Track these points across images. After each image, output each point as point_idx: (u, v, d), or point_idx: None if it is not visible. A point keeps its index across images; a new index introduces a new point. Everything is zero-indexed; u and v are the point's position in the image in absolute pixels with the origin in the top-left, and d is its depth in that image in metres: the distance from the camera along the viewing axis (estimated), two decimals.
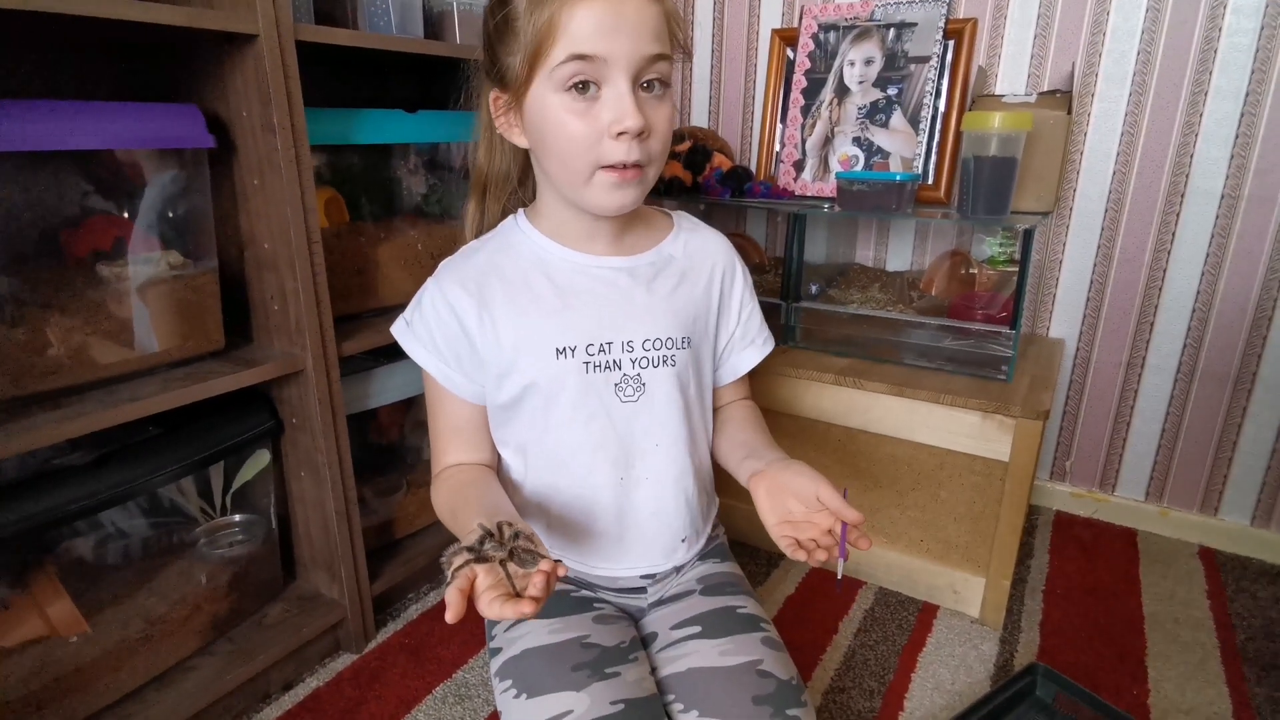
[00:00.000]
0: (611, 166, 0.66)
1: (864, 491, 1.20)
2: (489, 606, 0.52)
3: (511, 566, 0.55)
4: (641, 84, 0.66)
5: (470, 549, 0.56)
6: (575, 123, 0.65)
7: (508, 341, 0.74)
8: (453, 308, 0.74)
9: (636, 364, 0.75)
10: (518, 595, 0.53)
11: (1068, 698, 0.91)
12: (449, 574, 0.55)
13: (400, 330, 0.79)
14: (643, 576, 0.82)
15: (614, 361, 0.75)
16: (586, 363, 0.74)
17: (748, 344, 0.86)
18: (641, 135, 0.65)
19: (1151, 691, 1.00)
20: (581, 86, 0.64)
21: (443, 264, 0.78)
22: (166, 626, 0.92)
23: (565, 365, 0.73)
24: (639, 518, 0.79)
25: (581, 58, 0.63)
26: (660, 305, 0.77)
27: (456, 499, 0.74)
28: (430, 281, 0.77)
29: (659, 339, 0.76)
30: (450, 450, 0.80)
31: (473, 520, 0.62)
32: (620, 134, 0.64)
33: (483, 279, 0.75)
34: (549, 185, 0.74)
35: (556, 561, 0.55)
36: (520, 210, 0.80)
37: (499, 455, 0.82)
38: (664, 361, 0.76)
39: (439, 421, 0.80)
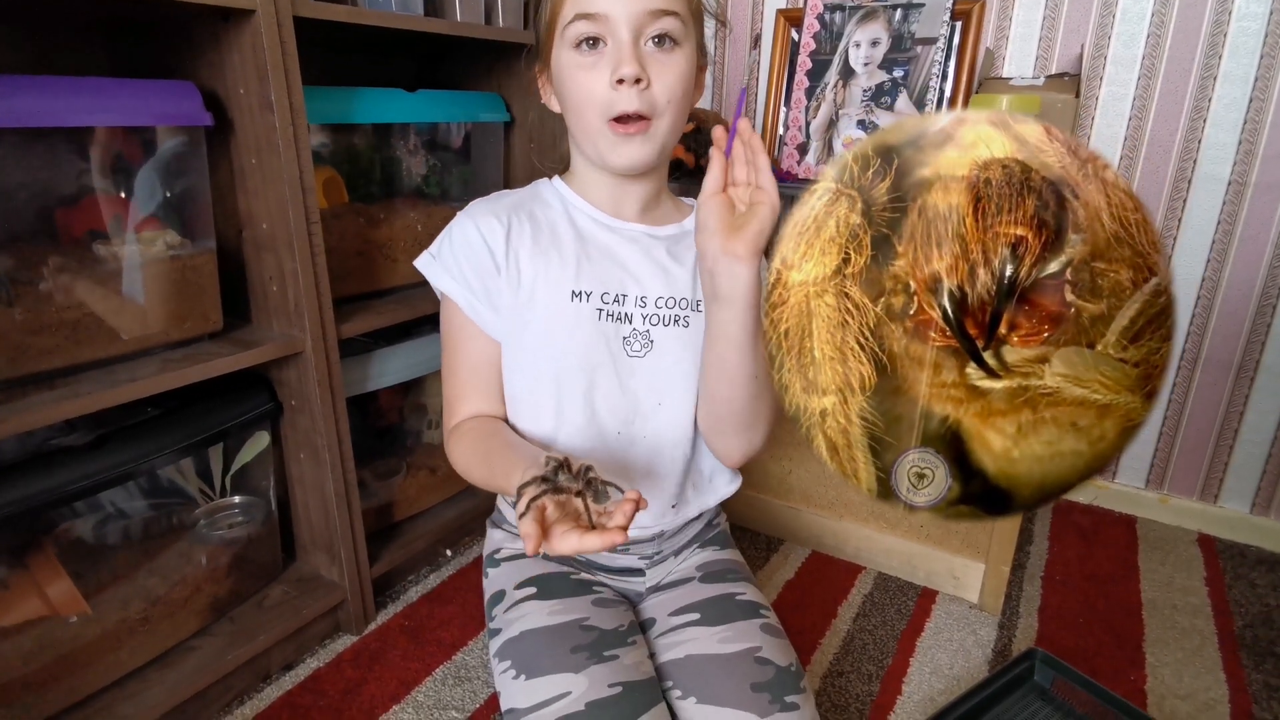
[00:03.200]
0: (616, 120, 0.69)
1: None
2: (563, 541, 0.51)
3: (589, 500, 0.53)
4: (652, 38, 0.68)
5: (544, 479, 0.53)
6: (584, 76, 0.69)
7: (527, 278, 0.75)
8: (483, 236, 0.75)
9: (648, 320, 0.76)
10: (592, 529, 0.51)
11: (1065, 683, 0.91)
12: (522, 504, 0.53)
13: (425, 263, 0.79)
14: (641, 556, 0.82)
15: (626, 314, 0.76)
16: (600, 310, 0.75)
17: None
18: (640, 84, 0.68)
19: (1149, 677, 1.01)
20: (590, 43, 0.68)
21: (473, 202, 0.79)
22: (167, 607, 0.92)
23: (579, 310, 0.74)
24: (633, 477, 0.79)
25: (585, 16, 0.67)
26: (679, 268, 0.78)
27: (486, 446, 0.73)
28: (461, 215, 0.78)
29: (673, 298, 0.77)
30: (468, 396, 0.79)
31: (516, 461, 0.61)
32: (618, 82, 0.67)
33: (513, 214, 0.77)
34: (578, 149, 0.77)
35: (638, 494, 0.54)
36: (555, 175, 0.82)
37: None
38: (676, 321, 0.77)
39: (459, 364, 0.79)
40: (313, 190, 0.89)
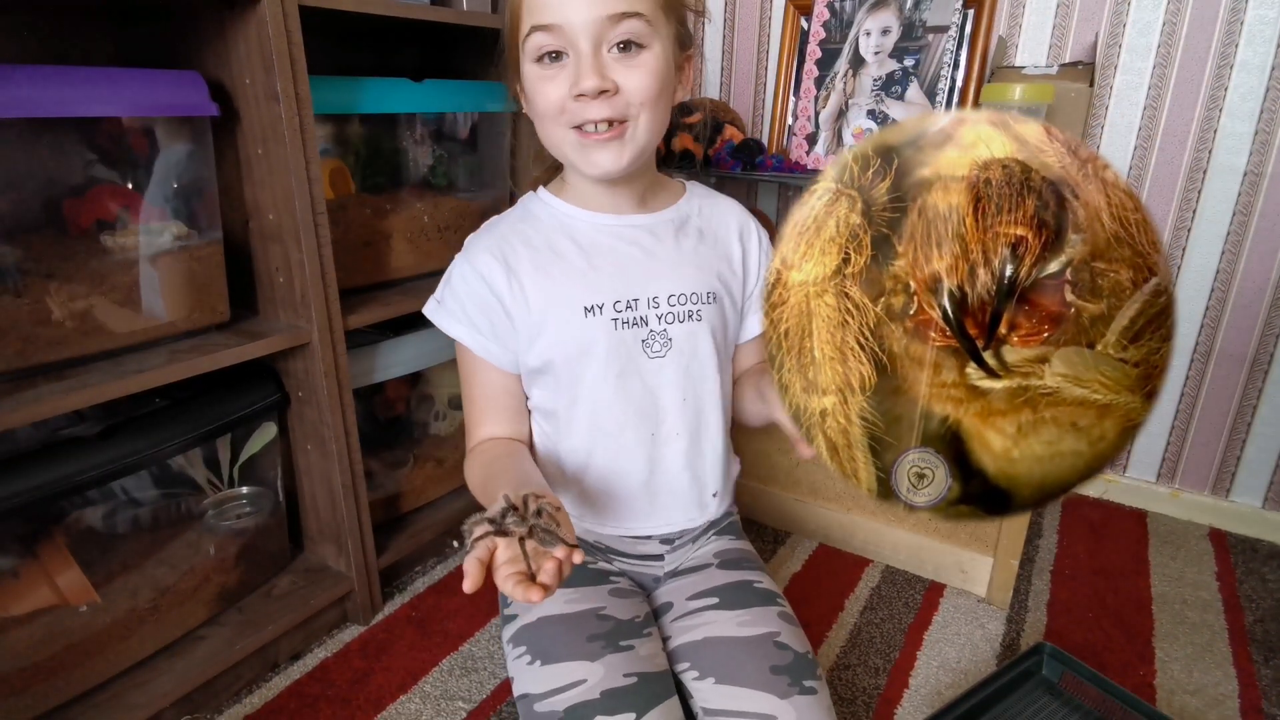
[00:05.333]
0: (581, 129, 0.68)
1: None
2: (504, 582, 0.53)
3: (530, 544, 0.54)
4: (617, 45, 0.66)
5: (491, 520, 0.56)
6: (547, 87, 0.68)
7: (536, 304, 0.75)
8: (482, 276, 0.75)
9: (662, 319, 0.76)
10: (533, 576, 0.53)
11: (1074, 678, 0.91)
12: (469, 543, 0.55)
13: (432, 309, 0.80)
14: (662, 541, 0.83)
15: (640, 318, 0.75)
16: (615, 320, 0.75)
17: (758, 307, 0.85)
18: (606, 94, 0.66)
19: (1158, 672, 1.00)
20: (552, 55, 0.67)
21: (468, 239, 0.79)
22: (175, 596, 0.92)
23: (594, 324, 0.74)
24: (672, 473, 0.80)
25: (542, 28, 0.65)
26: (683, 261, 0.78)
27: (489, 470, 0.75)
28: (458, 257, 0.78)
29: (684, 294, 0.77)
30: (485, 422, 0.81)
31: (502, 491, 0.62)
32: (579, 95, 0.66)
33: (507, 245, 0.76)
34: None
35: (573, 547, 0.55)
36: (540, 187, 0.81)
37: (530, 428, 0.83)
38: (690, 317, 0.77)
39: (474, 393, 0.81)
40: (319, 181, 0.88)
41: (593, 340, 0.74)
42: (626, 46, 0.66)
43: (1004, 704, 0.90)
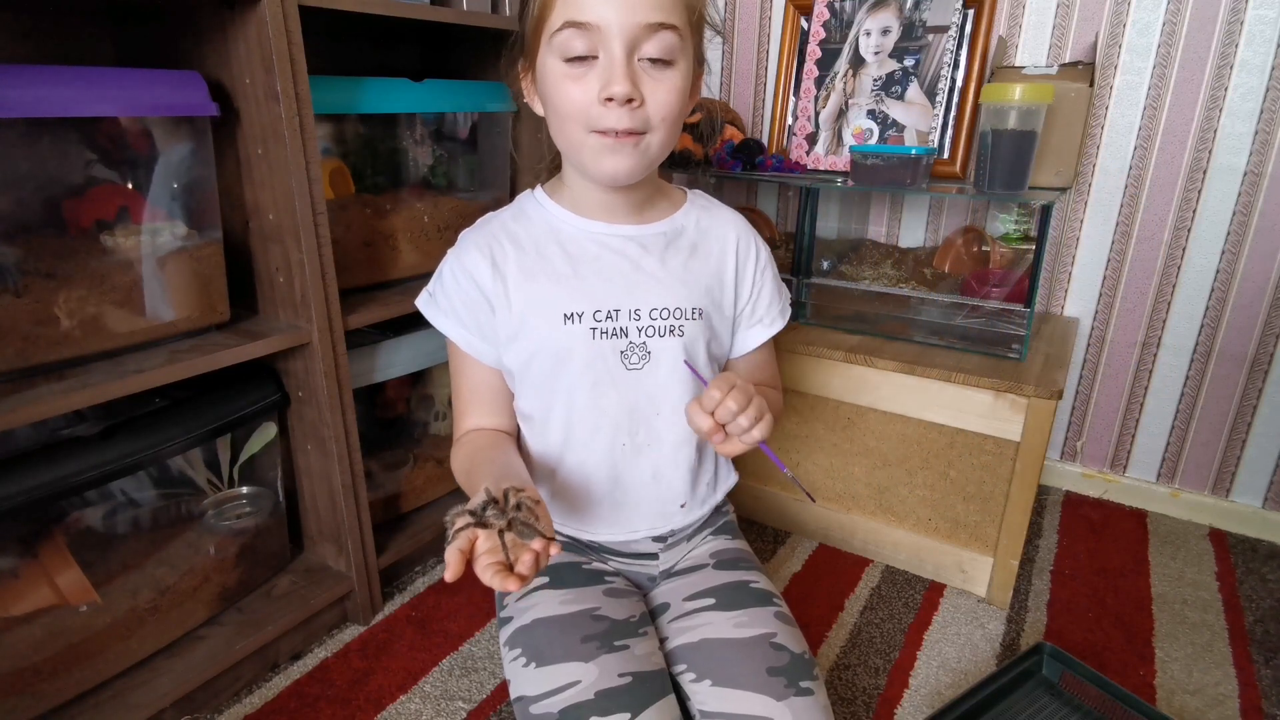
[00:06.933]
0: (603, 132, 0.67)
1: (872, 469, 1.19)
2: (483, 572, 0.55)
3: (509, 537, 0.56)
4: (648, 57, 0.65)
5: (472, 513, 0.58)
6: (571, 88, 0.66)
7: (517, 305, 0.75)
8: (470, 273, 0.76)
9: (643, 332, 0.76)
10: (511, 567, 0.55)
11: (1074, 678, 0.91)
12: (450, 534, 0.57)
13: (424, 302, 0.81)
14: (655, 539, 0.83)
15: (621, 329, 0.75)
16: (594, 329, 0.74)
17: (755, 322, 0.85)
18: (632, 103, 0.65)
19: (1158, 672, 1.00)
20: (581, 56, 0.65)
21: (462, 234, 0.80)
22: (175, 596, 0.92)
23: (573, 331, 0.74)
24: (639, 482, 0.80)
25: (576, 25, 0.64)
26: (670, 276, 0.77)
27: (472, 461, 0.76)
28: (450, 252, 0.79)
29: (667, 309, 0.76)
30: (471, 414, 0.82)
31: (484, 482, 0.63)
32: (607, 100, 0.65)
33: (495, 242, 0.76)
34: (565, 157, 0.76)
35: (550, 540, 0.56)
36: (538, 185, 0.81)
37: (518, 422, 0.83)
38: (671, 331, 0.76)
39: (461, 386, 0.82)
40: (319, 181, 0.88)
41: (570, 348, 0.74)
42: (656, 60, 0.66)
43: (1004, 704, 0.90)
